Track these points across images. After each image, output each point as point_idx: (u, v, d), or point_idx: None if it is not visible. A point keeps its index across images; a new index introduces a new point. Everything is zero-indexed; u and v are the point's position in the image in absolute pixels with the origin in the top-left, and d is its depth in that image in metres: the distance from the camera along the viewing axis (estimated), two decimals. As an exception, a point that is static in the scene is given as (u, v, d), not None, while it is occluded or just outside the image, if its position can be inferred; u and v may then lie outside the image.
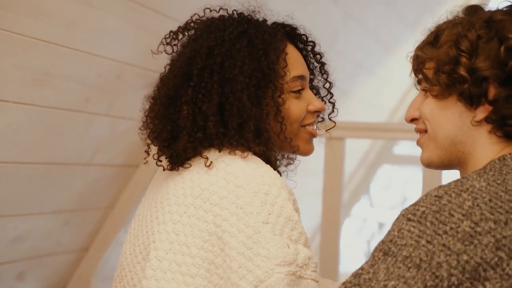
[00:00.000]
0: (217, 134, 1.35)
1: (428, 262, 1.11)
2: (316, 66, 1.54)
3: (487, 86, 1.24)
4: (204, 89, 1.36)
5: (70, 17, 1.96)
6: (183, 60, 1.40)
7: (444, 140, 1.30)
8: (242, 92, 1.36)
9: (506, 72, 1.22)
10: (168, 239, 1.31)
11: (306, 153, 1.48)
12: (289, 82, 1.42)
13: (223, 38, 1.39)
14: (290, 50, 1.45)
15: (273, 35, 1.42)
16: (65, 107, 2.16)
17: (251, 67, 1.37)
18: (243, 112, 1.35)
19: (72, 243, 2.59)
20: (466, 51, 1.25)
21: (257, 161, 1.34)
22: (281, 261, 1.23)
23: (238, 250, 1.25)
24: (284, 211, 1.28)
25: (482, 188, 1.16)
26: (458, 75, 1.25)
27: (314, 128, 1.49)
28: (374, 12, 3.76)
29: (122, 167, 2.57)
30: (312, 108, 1.46)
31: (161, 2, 2.20)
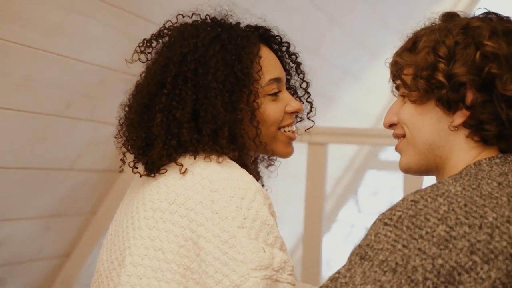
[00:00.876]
0: (191, 141, 1.35)
1: (404, 266, 1.12)
2: (292, 66, 1.54)
3: (464, 91, 1.25)
4: (178, 96, 1.36)
5: (51, 22, 1.96)
6: (157, 67, 1.40)
7: (423, 145, 1.31)
8: (216, 98, 1.36)
9: (482, 77, 1.23)
10: (144, 245, 1.31)
11: (285, 155, 1.48)
12: (265, 85, 1.42)
13: (196, 44, 1.39)
14: (264, 52, 1.45)
15: (246, 38, 1.42)
16: (47, 112, 2.15)
17: (224, 72, 1.37)
18: (217, 118, 1.35)
19: (54, 249, 2.58)
20: (444, 57, 1.26)
21: (233, 166, 1.34)
22: (257, 265, 1.24)
23: (213, 255, 1.25)
24: (260, 215, 1.28)
25: (458, 192, 1.17)
26: (436, 80, 1.26)
27: (293, 130, 1.49)
28: (359, 18, 3.77)
29: (105, 172, 2.56)
30: (289, 109, 1.46)
31: (143, 7, 2.20)
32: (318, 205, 2.67)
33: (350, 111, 4.57)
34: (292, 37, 1.80)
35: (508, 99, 1.23)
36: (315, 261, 2.72)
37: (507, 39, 1.25)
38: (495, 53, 1.24)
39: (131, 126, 1.40)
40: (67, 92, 2.17)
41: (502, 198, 1.17)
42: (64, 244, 2.62)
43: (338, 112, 4.35)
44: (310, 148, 2.74)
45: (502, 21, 1.29)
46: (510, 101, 1.23)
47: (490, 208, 1.15)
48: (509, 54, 1.24)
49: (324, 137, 2.71)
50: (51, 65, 2.05)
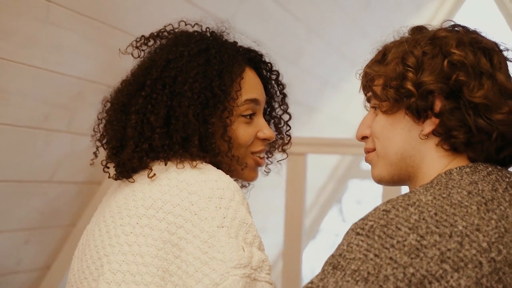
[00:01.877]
0: (163, 146, 1.37)
1: (376, 275, 1.12)
2: (279, 96, 1.56)
3: (433, 99, 1.26)
4: (154, 100, 1.38)
5: (28, 34, 1.95)
6: (141, 68, 1.43)
7: (394, 156, 1.32)
8: (189, 107, 1.37)
9: (450, 85, 1.25)
10: (121, 251, 1.32)
11: (250, 180, 1.50)
12: (240, 105, 1.44)
13: (182, 53, 1.41)
14: (248, 75, 1.46)
15: (232, 57, 1.44)
16: (25, 124, 2.14)
17: (202, 85, 1.39)
18: (187, 127, 1.37)
19: (33, 261, 2.57)
20: (412, 66, 1.28)
21: (209, 167, 1.36)
22: (236, 264, 1.25)
23: (194, 255, 1.27)
24: (239, 214, 1.30)
25: (428, 202, 1.18)
26: (405, 89, 1.28)
27: (262, 157, 1.50)
28: (338, 29, 3.79)
29: (84, 184, 2.55)
30: (261, 135, 1.47)
31: (121, 19, 2.20)
32: (298, 215, 2.67)
33: (330, 120, 4.58)
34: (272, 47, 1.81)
35: (475, 106, 1.24)
36: (296, 272, 2.72)
37: (473, 49, 1.27)
38: (462, 61, 1.25)
39: (108, 123, 1.42)
40: (44, 104, 2.16)
41: (471, 206, 1.18)
42: (44, 257, 2.60)
43: (319, 122, 4.37)
44: (290, 159, 2.74)
45: (468, 32, 1.32)
46: (477, 108, 1.24)
47: (460, 216, 1.16)
48: (475, 62, 1.26)
49: (304, 147, 2.72)
50: (28, 77, 2.05)
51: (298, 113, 4.02)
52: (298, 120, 4.05)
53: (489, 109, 1.25)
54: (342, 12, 3.67)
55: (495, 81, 1.26)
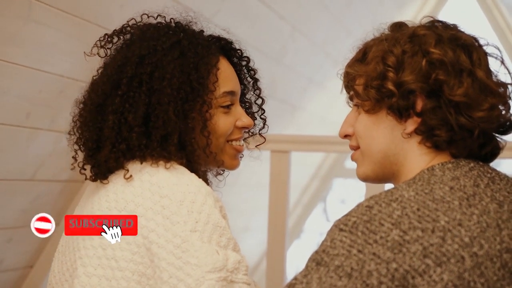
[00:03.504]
0: (139, 145, 1.34)
1: (359, 271, 1.13)
2: (250, 81, 1.54)
3: (414, 98, 1.27)
4: (131, 99, 1.35)
5: (8, 31, 1.94)
6: (114, 67, 1.39)
7: (378, 154, 1.33)
8: (169, 104, 1.35)
9: (430, 84, 1.25)
10: (96, 255, 1.30)
11: (231, 168, 1.49)
12: (219, 97, 1.42)
13: (155, 47, 1.38)
14: (223, 65, 1.45)
15: (206, 48, 1.42)
16: (6, 122, 2.13)
17: (180, 80, 1.36)
18: (168, 124, 1.35)
19: (16, 261, 2.55)
20: (392, 65, 1.28)
21: (182, 170, 1.34)
22: (211, 268, 1.24)
23: (167, 260, 1.25)
24: (211, 218, 1.28)
25: (411, 197, 1.18)
26: (386, 89, 1.28)
27: (241, 144, 1.49)
28: (322, 27, 3.80)
29: (67, 183, 2.54)
30: (240, 124, 1.46)
31: (103, 16, 2.20)
32: (281, 213, 2.67)
33: (314, 119, 4.59)
34: (256, 46, 1.81)
35: (456, 105, 1.25)
36: (280, 271, 2.72)
37: (452, 46, 1.28)
38: (441, 59, 1.26)
39: (84, 125, 1.39)
40: (26, 102, 2.15)
41: (454, 202, 1.18)
42: (27, 256, 2.59)
43: (303, 120, 4.38)
44: (273, 156, 2.74)
45: (447, 28, 1.32)
46: (458, 106, 1.25)
47: (442, 212, 1.16)
48: (454, 60, 1.26)
49: (287, 144, 2.73)
50: (10, 75, 2.03)
51: (282, 111, 4.04)
52: (282, 119, 4.05)
53: (470, 106, 1.25)
54: (326, 11, 3.68)
55: (475, 78, 1.26)
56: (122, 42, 1.44)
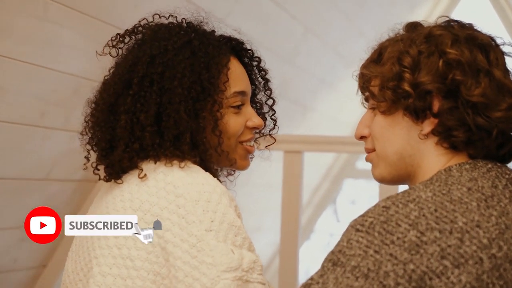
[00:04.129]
0: (153, 145, 1.35)
1: (376, 271, 1.12)
2: (261, 82, 1.54)
3: (431, 99, 1.26)
4: (143, 98, 1.36)
5: (24, 31, 1.95)
6: (125, 66, 1.39)
7: (393, 156, 1.32)
8: (180, 104, 1.35)
9: (447, 85, 1.25)
10: (111, 254, 1.31)
11: (242, 168, 1.49)
12: (229, 97, 1.42)
13: (166, 47, 1.38)
14: (233, 65, 1.45)
15: (217, 48, 1.42)
16: (21, 122, 2.14)
17: (191, 79, 1.37)
18: (179, 124, 1.35)
19: (29, 260, 2.56)
20: (408, 66, 1.27)
21: (196, 170, 1.34)
22: (227, 267, 1.24)
23: (182, 259, 1.25)
24: (227, 217, 1.28)
25: (428, 198, 1.18)
26: (403, 90, 1.27)
27: (252, 144, 1.49)
28: (335, 28, 3.80)
29: (80, 182, 2.55)
30: (250, 124, 1.46)
31: (117, 16, 2.20)
32: (294, 212, 2.67)
33: (326, 119, 4.59)
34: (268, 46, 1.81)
35: (474, 105, 1.24)
36: (292, 270, 2.72)
37: (469, 46, 1.27)
38: (458, 60, 1.25)
39: (96, 125, 1.39)
40: (41, 101, 2.16)
41: (471, 203, 1.18)
42: (40, 255, 2.60)
43: (314, 120, 4.37)
44: (286, 157, 2.74)
45: (464, 28, 1.31)
46: (475, 106, 1.24)
47: (460, 213, 1.16)
48: (471, 60, 1.25)
49: (300, 145, 2.73)
50: (25, 74, 2.04)
51: (293, 112, 4.04)
52: (294, 119, 4.05)
53: (488, 107, 1.24)
54: (339, 11, 3.68)
55: (492, 78, 1.26)
56: (133, 42, 1.45)
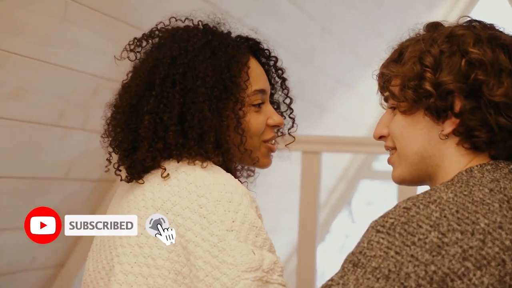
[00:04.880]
0: (176, 144, 1.35)
1: (397, 273, 1.12)
2: (278, 81, 1.55)
3: (452, 99, 1.25)
4: (165, 99, 1.37)
5: (45, 31, 1.96)
6: (146, 68, 1.40)
7: (414, 156, 1.31)
8: (204, 103, 1.36)
9: (469, 84, 1.24)
10: (133, 252, 1.31)
11: (264, 166, 1.49)
12: (250, 95, 1.43)
13: (186, 48, 1.39)
14: (252, 63, 1.46)
15: (236, 48, 1.43)
16: (40, 121, 2.15)
17: (213, 78, 1.38)
18: (203, 123, 1.36)
19: (47, 259, 2.58)
20: (430, 66, 1.27)
21: (218, 170, 1.35)
22: (247, 268, 1.24)
23: (203, 259, 1.26)
24: (248, 218, 1.29)
25: (450, 199, 1.17)
26: (424, 89, 1.27)
27: (274, 143, 1.50)
28: (352, 28, 3.79)
29: (99, 182, 2.56)
30: (271, 122, 1.47)
31: (137, 16, 2.21)
32: (312, 213, 2.67)
33: (343, 120, 4.58)
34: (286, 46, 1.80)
35: (496, 105, 1.23)
36: (310, 271, 2.72)
37: (491, 46, 1.26)
38: (480, 59, 1.24)
39: (118, 127, 1.40)
40: (60, 101, 2.17)
41: (493, 204, 1.17)
42: (58, 255, 2.61)
43: (331, 121, 4.37)
44: (304, 157, 2.74)
45: (486, 28, 1.30)
46: (498, 107, 1.23)
47: (482, 214, 1.15)
48: (494, 60, 1.25)
49: (318, 145, 2.73)
50: (45, 74, 2.05)
51: (310, 112, 4.03)
52: (310, 119, 4.05)
53: (510, 107, 1.24)
54: (356, 12, 3.67)
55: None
56: (151, 45, 1.46)
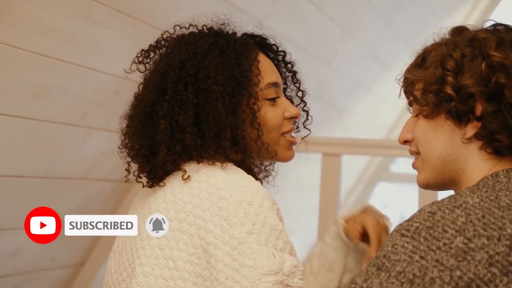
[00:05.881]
0: (195, 146, 1.36)
1: (421, 277, 1.12)
2: (288, 75, 1.55)
3: (474, 103, 1.25)
4: (179, 102, 1.37)
5: (69, 31, 1.97)
6: (157, 75, 1.41)
7: (437, 160, 1.31)
8: (217, 101, 1.36)
9: (490, 88, 1.24)
10: (153, 254, 1.31)
11: (287, 159, 1.48)
12: (264, 89, 1.43)
13: (194, 50, 1.40)
14: (262, 58, 1.46)
15: (244, 44, 1.44)
16: (62, 121, 2.16)
17: (224, 75, 1.38)
18: (218, 120, 1.36)
19: (67, 258, 2.59)
20: (451, 70, 1.27)
21: (239, 172, 1.34)
22: (268, 271, 1.23)
23: (224, 261, 1.25)
24: (268, 220, 1.28)
25: (475, 204, 1.17)
26: (445, 93, 1.27)
27: (293, 136, 1.49)
28: (372, 30, 3.78)
29: (119, 182, 2.57)
30: (288, 115, 1.47)
31: (159, 17, 2.22)
32: (332, 215, 2.66)
33: (361, 122, 4.57)
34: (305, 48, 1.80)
35: None
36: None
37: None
38: (502, 63, 1.24)
39: (134, 135, 1.41)
40: (82, 101, 2.18)
41: (520, 209, 1.17)
42: (78, 254, 2.63)
43: (350, 123, 4.36)
44: (324, 159, 2.74)
45: (510, 31, 1.30)
46: None
47: (508, 220, 1.15)
48: None
49: (339, 147, 2.72)
50: (67, 74, 2.07)
51: (329, 114, 4.03)
52: (329, 121, 4.04)
53: None
54: (376, 14, 3.66)
55: None
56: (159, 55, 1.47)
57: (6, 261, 2.29)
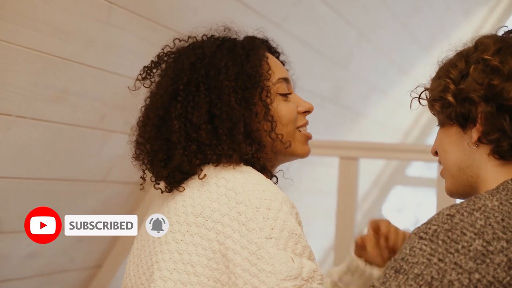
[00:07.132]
0: (210, 144, 1.36)
1: (440, 280, 1.12)
2: None
3: (471, 106, 1.28)
4: (192, 102, 1.38)
5: (88, 35, 1.99)
6: (168, 80, 1.42)
7: (453, 167, 1.33)
8: (230, 95, 1.37)
9: (485, 90, 1.26)
10: (172, 259, 1.31)
11: (303, 154, 1.49)
12: (275, 83, 1.45)
13: (203, 52, 1.42)
14: (269, 55, 1.49)
15: (251, 42, 1.46)
16: (81, 124, 2.17)
17: (235, 71, 1.39)
18: (232, 114, 1.36)
19: (85, 260, 2.60)
20: (453, 78, 1.30)
21: (258, 177, 1.34)
22: (286, 276, 1.23)
23: (242, 267, 1.25)
24: (287, 225, 1.27)
25: (495, 207, 1.17)
26: (446, 100, 1.30)
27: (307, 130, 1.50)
28: (388, 33, 3.77)
29: (137, 185, 2.57)
30: (302, 109, 1.48)
31: (179, 21, 2.23)
32: (349, 218, 2.66)
33: (377, 126, 4.56)
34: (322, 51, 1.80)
35: (510, 110, 1.24)
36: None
37: None
38: (496, 66, 1.26)
39: (149, 142, 1.41)
40: (102, 104, 2.19)
41: (540, 213, 1.17)
42: (96, 256, 2.64)
43: (366, 126, 4.35)
44: (342, 163, 2.74)
45: None
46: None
47: (528, 223, 1.15)
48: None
49: (356, 151, 2.72)
50: (87, 77, 2.08)
51: (345, 117, 4.03)
52: (345, 125, 4.04)
53: None
54: (393, 17, 3.66)
55: None
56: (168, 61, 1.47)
57: (25, 263, 2.30)
